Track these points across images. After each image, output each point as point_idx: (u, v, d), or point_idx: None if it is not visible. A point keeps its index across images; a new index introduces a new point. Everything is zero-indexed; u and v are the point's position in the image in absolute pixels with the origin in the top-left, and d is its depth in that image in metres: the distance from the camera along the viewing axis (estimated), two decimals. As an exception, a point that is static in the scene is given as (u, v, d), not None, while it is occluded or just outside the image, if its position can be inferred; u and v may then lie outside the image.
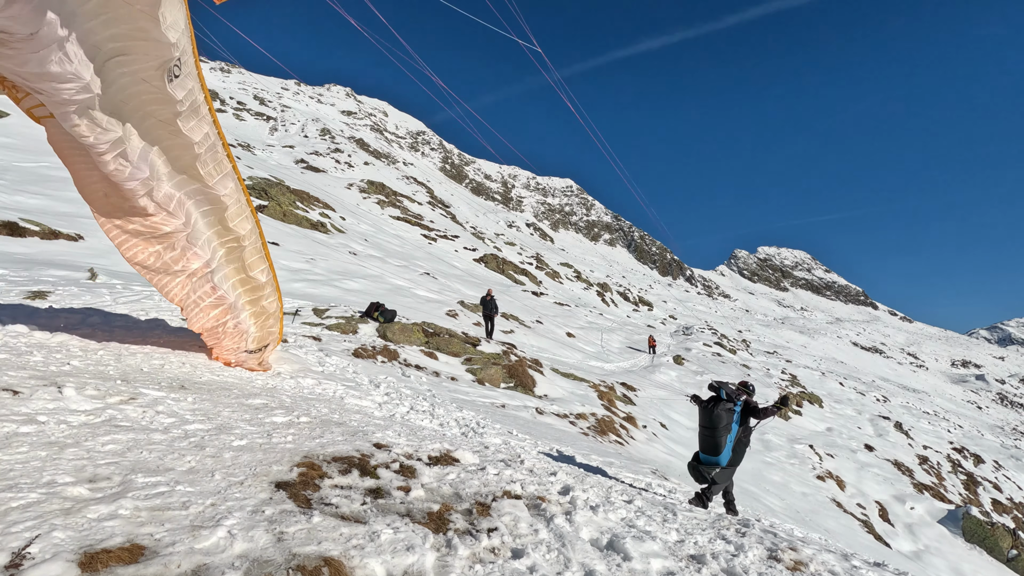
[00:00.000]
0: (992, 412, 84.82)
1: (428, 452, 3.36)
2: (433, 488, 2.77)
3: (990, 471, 28.87)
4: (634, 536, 2.80)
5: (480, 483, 2.99)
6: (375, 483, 2.62)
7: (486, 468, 3.36)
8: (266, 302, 5.65)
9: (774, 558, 3.12)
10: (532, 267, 54.94)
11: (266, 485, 2.33)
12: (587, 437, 9.80)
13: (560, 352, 23.05)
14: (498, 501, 2.73)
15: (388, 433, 3.77)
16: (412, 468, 2.90)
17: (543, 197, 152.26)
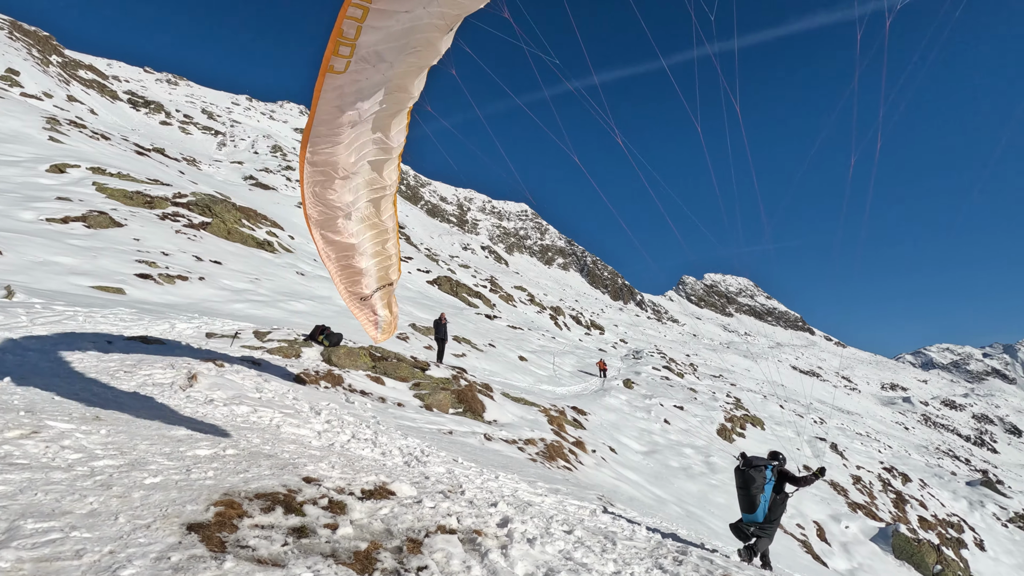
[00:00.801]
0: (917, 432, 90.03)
1: (362, 485, 3.23)
2: (363, 524, 2.65)
3: (916, 489, 30.47)
4: (569, 570, 2.76)
5: (414, 517, 2.89)
6: (300, 521, 2.48)
7: (423, 501, 3.26)
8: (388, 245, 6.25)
9: (709, 586, 3.14)
10: (486, 290, 54.94)
11: (177, 527, 2.16)
12: (535, 463, 9.73)
13: (512, 376, 22.98)
14: (431, 537, 2.64)
15: (322, 465, 3.61)
16: (342, 503, 2.77)
17: (498, 220, 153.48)
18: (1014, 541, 27.82)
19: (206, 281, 18.00)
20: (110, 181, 26.20)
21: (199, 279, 17.87)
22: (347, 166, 4.73)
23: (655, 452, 20.62)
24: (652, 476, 17.12)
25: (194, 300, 16.03)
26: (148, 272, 16.28)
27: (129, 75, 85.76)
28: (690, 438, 24.30)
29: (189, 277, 17.60)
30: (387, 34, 3.75)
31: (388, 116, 4.59)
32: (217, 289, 17.84)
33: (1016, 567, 25.29)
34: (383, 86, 4.18)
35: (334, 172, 4.75)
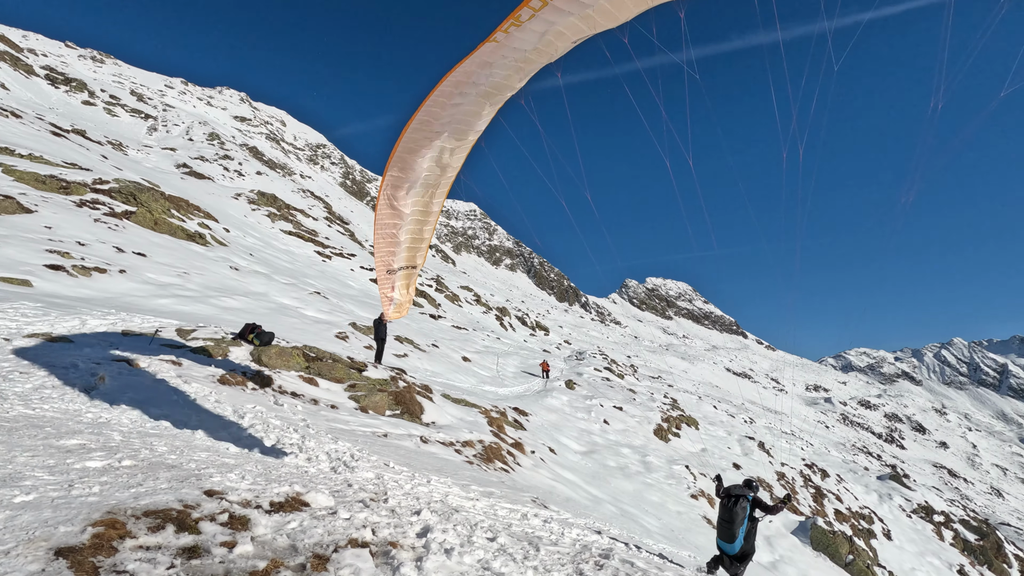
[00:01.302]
0: (836, 431, 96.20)
1: (272, 497, 3.06)
2: (266, 541, 2.50)
3: (834, 484, 32.52)
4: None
5: (325, 531, 2.75)
6: (193, 540, 2.30)
7: (338, 512, 3.12)
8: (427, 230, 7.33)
9: (626, 591, 3.17)
10: (432, 290, 54.33)
11: (43, 553, 1.95)
12: (472, 466, 9.65)
13: (454, 377, 22.80)
14: (340, 551, 2.52)
15: (231, 476, 3.40)
16: (245, 518, 2.60)
17: (446, 220, 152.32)
18: (916, 530, 30.18)
19: (127, 274, 16.82)
20: (19, 163, 24.08)
21: (119, 272, 16.68)
22: (432, 139, 5.81)
23: (594, 452, 21.00)
24: (590, 476, 17.41)
25: (112, 295, 14.93)
26: (60, 263, 15.03)
27: (48, 49, 79.19)
28: (628, 438, 24.91)
29: (108, 270, 16.39)
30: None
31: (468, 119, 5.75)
32: (140, 283, 16.70)
33: (917, 554, 27.45)
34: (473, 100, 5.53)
35: (424, 141, 5.81)
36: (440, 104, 5.46)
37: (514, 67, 5.06)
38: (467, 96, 5.41)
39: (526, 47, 4.78)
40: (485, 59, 4.94)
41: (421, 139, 5.81)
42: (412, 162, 6.03)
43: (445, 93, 5.36)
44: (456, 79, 5.19)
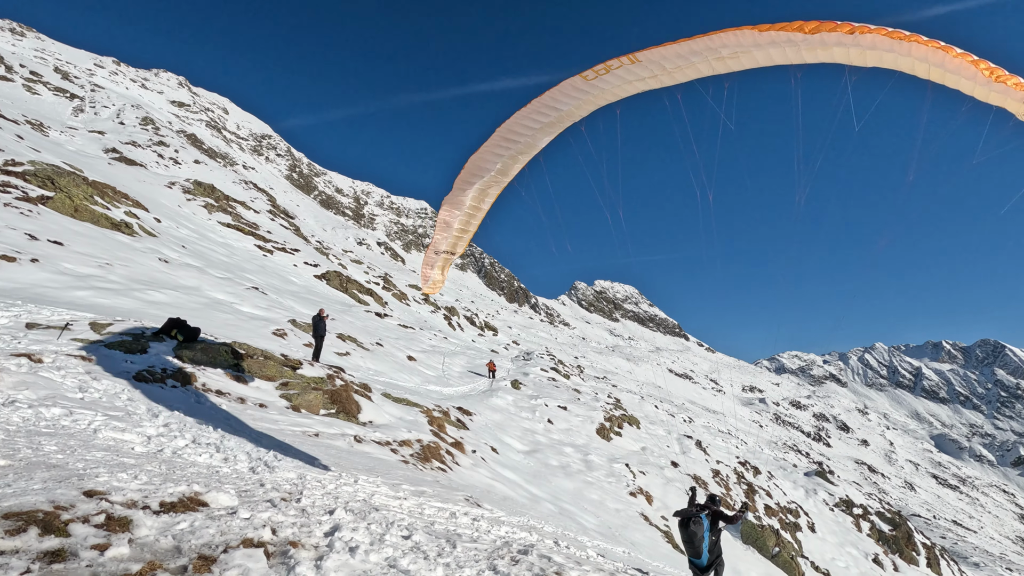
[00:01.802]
0: (769, 430, 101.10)
1: (164, 497, 2.87)
2: (148, 542, 2.33)
3: (765, 480, 34.09)
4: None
5: (218, 531, 2.61)
6: (60, 543, 2.11)
7: (238, 512, 2.96)
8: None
9: (538, 586, 3.17)
10: (379, 287, 53.32)
11: None
12: (407, 465, 9.49)
13: (398, 376, 22.43)
14: (230, 552, 2.39)
15: (122, 475, 3.17)
16: (126, 520, 2.42)
17: (396, 217, 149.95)
18: (837, 523, 32.09)
19: (40, 263, 15.59)
20: (-84, 139, 21.91)
21: (31, 261, 15.44)
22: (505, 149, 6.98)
23: (536, 451, 21.14)
24: (531, 475, 17.51)
25: (21, 285, 13.79)
26: (-42, 250, 13.77)
27: (-43, 17, 72.58)
28: (571, 437, 25.24)
29: (18, 258, 15.13)
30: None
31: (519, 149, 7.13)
32: (54, 273, 15.51)
33: (838, 544, 29.18)
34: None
35: (499, 150, 7.02)
36: (521, 122, 6.59)
37: (585, 103, 6.26)
38: (539, 119, 6.50)
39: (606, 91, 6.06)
40: (560, 94, 6.15)
41: (497, 148, 6.93)
42: (482, 167, 7.17)
43: (535, 110, 6.40)
44: (541, 104, 6.32)
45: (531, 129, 6.63)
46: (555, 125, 6.59)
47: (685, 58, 5.32)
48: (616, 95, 6.08)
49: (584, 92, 5.99)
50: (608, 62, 5.59)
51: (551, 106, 6.31)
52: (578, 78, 5.85)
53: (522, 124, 6.60)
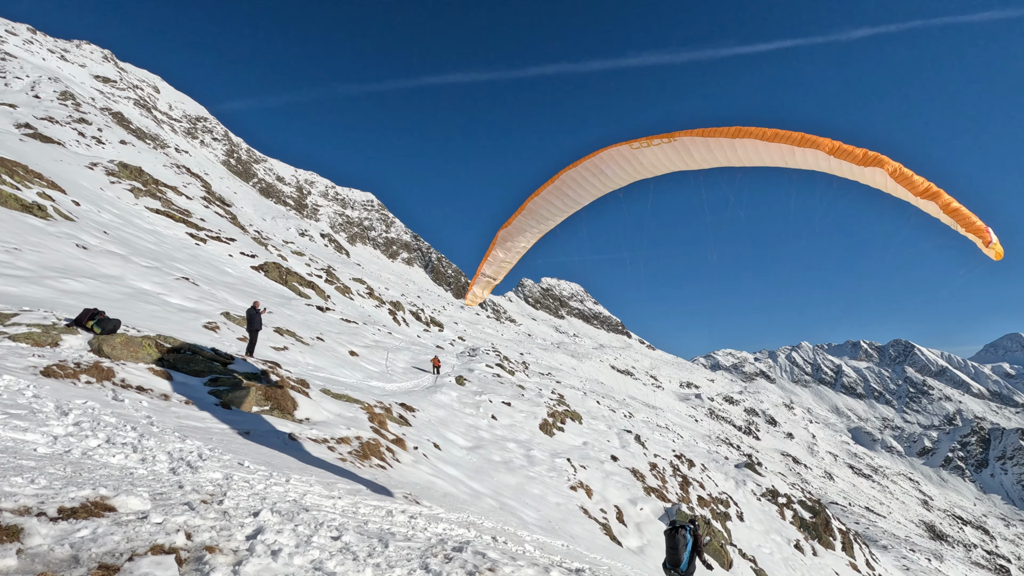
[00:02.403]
0: (704, 424, 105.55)
1: (64, 502, 2.64)
2: (40, 552, 2.13)
3: (699, 472, 35.56)
4: (313, 582, 2.54)
5: (124, 537, 2.42)
6: (-67, 557, 1.90)
7: (149, 516, 2.77)
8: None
9: (470, 583, 3.14)
10: (321, 280, 51.70)
11: None
12: (344, 463, 9.24)
13: (339, 371, 21.84)
14: (136, 560, 2.22)
15: (16, 480, 2.90)
16: (16, 528, 2.21)
17: (342, 208, 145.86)
18: (764, 512, 33.90)
19: (-67, 247, 14.15)
20: None
21: (-78, 243, 13.98)
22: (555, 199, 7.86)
23: (480, 447, 21.14)
24: (473, 471, 17.49)
25: (-90, 270, 12.46)
26: None
27: None
28: (514, 433, 25.40)
29: (-95, 240, 13.67)
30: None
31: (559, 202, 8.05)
32: (-49, 258, 14.11)
33: (763, 532, 30.83)
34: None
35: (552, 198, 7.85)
36: (573, 178, 7.39)
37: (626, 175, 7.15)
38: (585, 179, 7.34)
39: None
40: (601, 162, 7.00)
41: (552, 197, 7.74)
42: (536, 212, 8.07)
43: (586, 169, 7.17)
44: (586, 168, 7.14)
45: (580, 187, 7.46)
46: (598, 188, 7.40)
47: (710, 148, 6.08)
48: (654, 171, 6.88)
49: (628, 160, 6.75)
50: (651, 137, 6.41)
51: (600, 167, 7.05)
52: (624, 146, 6.61)
53: (574, 180, 7.39)
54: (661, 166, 6.67)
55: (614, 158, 6.78)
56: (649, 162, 6.65)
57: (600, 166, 6.99)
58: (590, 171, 7.13)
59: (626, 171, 6.92)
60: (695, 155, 6.22)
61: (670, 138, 6.10)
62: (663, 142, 6.18)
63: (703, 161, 6.30)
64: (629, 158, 6.67)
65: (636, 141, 6.44)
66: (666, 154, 6.35)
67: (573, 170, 7.23)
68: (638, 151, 6.49)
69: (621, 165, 6.84)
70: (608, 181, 7.19)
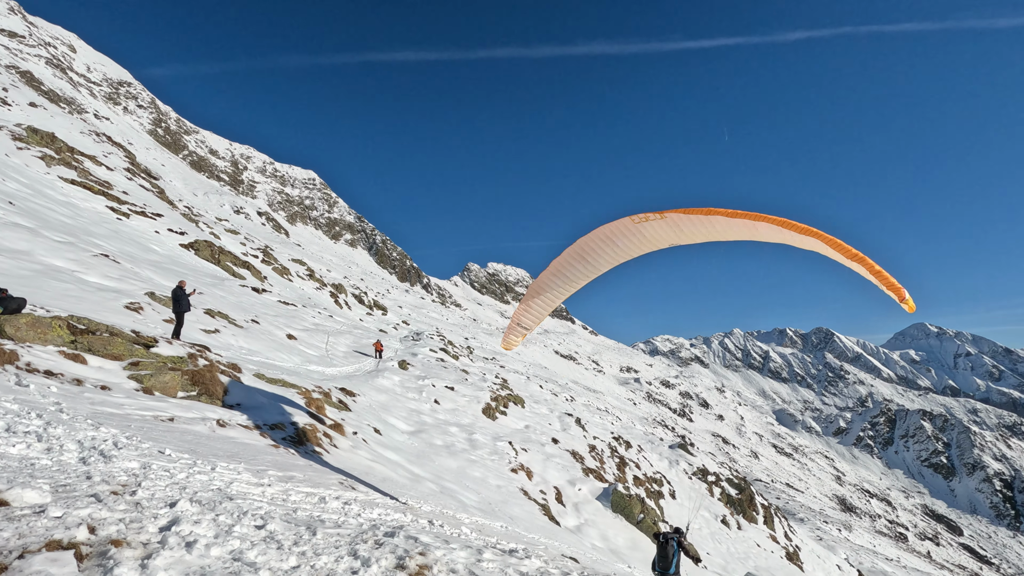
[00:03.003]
0: (642, 407, 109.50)
1: (-55, 497, 2.41)
2: (-88, 553, 1.94)
3: (635, 453, 36.93)
4: (230, 572, 2.45)
5: (15, 533, 2.24)
6: None
7: (47, 510, 2.58)
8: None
9: (400, 567, 3.12)
10: (257, 260, 49.52)
11: None
12: (277, 449, 8.95)
13: (275, 355, 21.09)
14: (28, 557, 2.06)
15: None
16: None
17: (281, 186, 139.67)
18: (694, 489, 35.68)
19: None
20: None
21: None
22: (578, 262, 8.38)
23: (421, 432, 21.05)
24: (414, 455, 17.41)
25: None
26: None
27: None
28: (457, 417, 25.44)
29: None
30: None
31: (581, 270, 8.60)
32: None
33: (693, 508, 32.49)
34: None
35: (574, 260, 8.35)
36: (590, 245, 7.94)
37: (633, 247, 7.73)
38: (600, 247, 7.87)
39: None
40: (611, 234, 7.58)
41: (572, 261, 8.31)
42: (559, 272, 8.71)
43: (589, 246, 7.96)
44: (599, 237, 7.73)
45: (596, 255, 8.10)
46: (613, 258, 8.07)
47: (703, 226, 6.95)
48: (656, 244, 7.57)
49: (633, 233, 7.43)
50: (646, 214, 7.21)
51: (611, 238, 7.71)
52: (627, 220, 7.34)
53: (590, 247, 8.05)
54: (660, 240, 7.39)
55: (621, 231, 7.46)
56: (650, 235, 7.33)
57: (612, 237, 7.63)
58: (603, 241, 7.75)
59: (633, 243, 7.60)
60: (684, 230, 7.04)
61: (661, 215, 6.95)
62: (656, 218, 7.00)
63: (689, 236, 7.16)
64: (634, 231, 7.37)
65: (637, 216, 7.18)
66: (662, 228, 7.12)
67: (588, 239, 7.95)
68: (639, 225, 7.22)
69: (628, 237, 7.51)
70: (620, 252, 7.85)
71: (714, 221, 6.67)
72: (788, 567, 32.95)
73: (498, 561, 3.93)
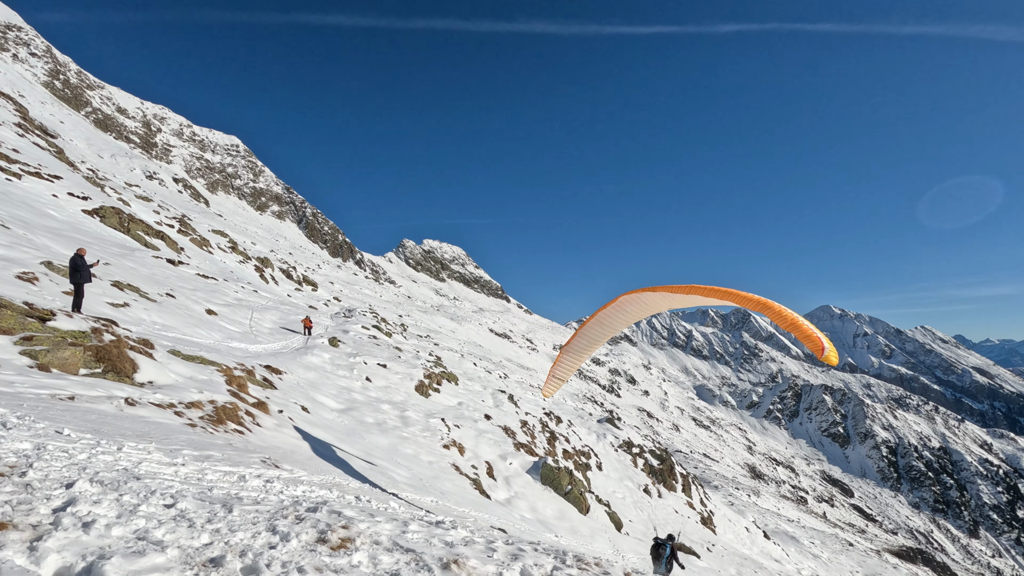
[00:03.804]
0: (573, 383, 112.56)
1: None
2: None
3: (565, 428, 38.11)
4: (133, 551, 2.32)
5: None
6: None
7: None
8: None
9: (321, 540, 3.08)
10: (173, 231, 46.15)
11: None
12: (194, 428, 8.51)
13: (192, 331, 19.91)
14: None
15: None
16: None
17: (200, 151, 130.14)
18: (620, 461, 37.37)
19: None
20: None
21: None
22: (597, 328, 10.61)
23: (352, 409, 20.69)
24: (344, 433, 17.11)
25: None
26: None
27: None
28: (389, 394, 25.16)
29: None
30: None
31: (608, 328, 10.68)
32: None
33: (618, 479, 34.07)
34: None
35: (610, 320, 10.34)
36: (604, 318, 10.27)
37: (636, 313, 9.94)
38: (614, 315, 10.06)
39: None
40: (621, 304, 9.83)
41: (595, 326, 10.51)
42: (584, 334, 10.86)
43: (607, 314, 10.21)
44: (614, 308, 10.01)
45: (613, 320, 10.15)
46: (623, 322, 10.12)
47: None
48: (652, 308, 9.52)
49: (633, 303, 9.62)
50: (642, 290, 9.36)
51: (622, 307, 9.83)
52: (633, 294, 9.52)
53: (608, 316, 10.11)
54: (656, 305, 9.38)
55: (627, 303, 9.72)
56: (649, 302, 9.30)
57: (623, 306, 9.83)
58: (616, 310, 9.99)
59: (635, 310, 9.83)
60: (662, 303, 9.18)
61: (654, 290, 8.93)
62: (649, 293, 9.01)
63: (678, 302, 9.03)
64: (635, 302, 9.56)
65: (634, 292, 9.41)
66: (651, 299, 9.16)
67: (605, 310, 10.13)
68: (636, 295, 9.36)
69: (631, 306, 9.77)
70: (627, 317, 10.02)
71: (691, 299, 8.75)
72: (703, 530, 35.40)
73: (424, 532, 3.95)
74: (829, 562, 55.78)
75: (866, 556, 67.82)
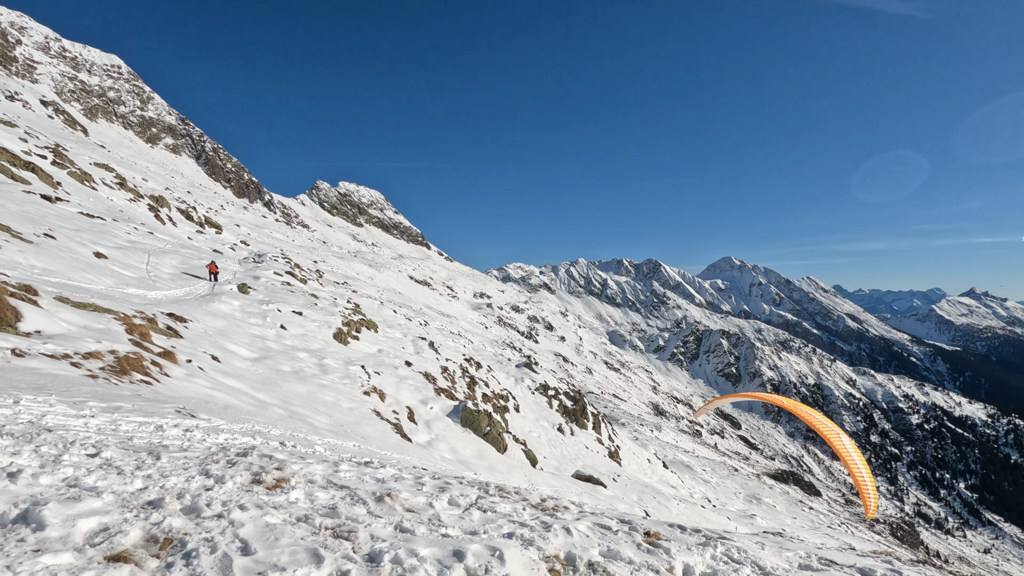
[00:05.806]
0: (494, 331, 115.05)
1: None
2: None
3: (485, 373, 39.22)
4: (68, 497, 2.34)
5: None
6: None
7: None
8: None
9: (256, 481, 3.20)
10: (47, 162, 40.77)
11: None
12: (95, 380, 8.03)
13: (80, 276, 18.21)
14: None
15: None
16: None
17: (73, 71, 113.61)
18: (536, 403, 39.27)
19: None
20: None
21: None
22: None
23: (267, 358, 20.09)
24: (259, 382, 16.68)
25: None
26: None
27: None
28: (306, 343, 24.58)
29: None
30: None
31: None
32: None
33: (535, 420, 35.92)
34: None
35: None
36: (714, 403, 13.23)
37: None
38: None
39: None
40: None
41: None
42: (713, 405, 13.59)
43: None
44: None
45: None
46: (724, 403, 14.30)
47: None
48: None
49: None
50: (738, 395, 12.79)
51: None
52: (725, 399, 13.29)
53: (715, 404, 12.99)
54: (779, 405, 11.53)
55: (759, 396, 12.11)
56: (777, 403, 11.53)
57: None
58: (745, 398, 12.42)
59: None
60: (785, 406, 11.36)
61: (740, 396, 12.36)
62: (740, 400, 10.76)
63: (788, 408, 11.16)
64: (764, 398, 12.06)
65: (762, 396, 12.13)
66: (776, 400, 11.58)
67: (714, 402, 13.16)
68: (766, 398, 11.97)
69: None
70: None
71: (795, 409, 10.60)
72: (609, 463, 38.47)
73: (355, 471, 4.16)
74: (717, 486, 62.77)
75: (748, 479, 76.93)
